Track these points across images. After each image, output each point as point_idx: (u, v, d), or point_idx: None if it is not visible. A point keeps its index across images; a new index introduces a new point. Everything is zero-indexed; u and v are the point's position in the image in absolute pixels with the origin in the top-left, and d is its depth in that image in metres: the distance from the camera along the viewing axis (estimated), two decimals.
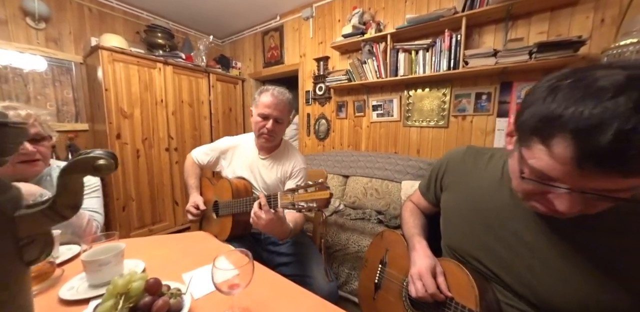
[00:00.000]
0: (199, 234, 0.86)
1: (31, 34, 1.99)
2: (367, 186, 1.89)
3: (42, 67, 2.06)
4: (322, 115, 2.51)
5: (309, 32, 2.51)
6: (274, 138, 1.04)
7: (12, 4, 1.89)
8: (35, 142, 0.75)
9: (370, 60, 1.95)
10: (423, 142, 1.95)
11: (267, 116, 0.99)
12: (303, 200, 0.67)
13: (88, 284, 0.56)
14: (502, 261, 0.52)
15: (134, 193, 2.14)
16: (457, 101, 1.74)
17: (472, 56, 1.51)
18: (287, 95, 1.03)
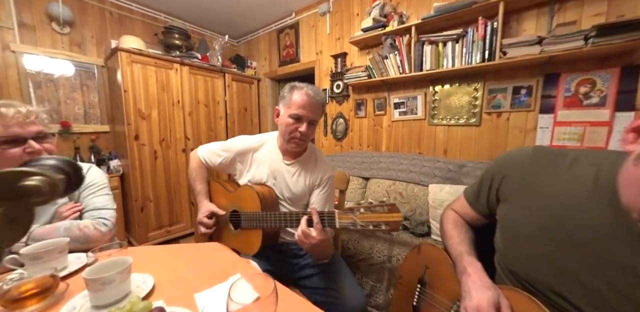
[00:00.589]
0: (213, 246, 0.78)
1: (56, 39, 2.05)
2: (389, 189, 1.76)
3: (70, 72, 2.12)
4: (340, 115, 2.41)
5: (326, 28, 2.41)
6: (305, 142, 0.94)
7: (38, 10, 1.95)
8: (40, 140, 0.70)
9: (392, 54, 1.82)
10: (451, 141, 1.79)
11: (301, 118, 0.88)
12: (369, 221, 0.64)
13: (91, 305, 0.50)
14: (603, 303, 0.39)
15: (152, 194, 2.14)
16: (490, 97, 1.57)
17: (511, 45, 1.35)
18: (322, 95, 0.93)
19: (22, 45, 1.90)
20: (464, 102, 1.70)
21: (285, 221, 0.83)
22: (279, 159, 1.00)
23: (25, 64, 1.92)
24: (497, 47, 1.39)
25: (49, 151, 0.71)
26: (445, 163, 1.61)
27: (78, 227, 0.72)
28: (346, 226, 0.67)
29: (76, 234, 0.70)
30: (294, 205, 1.00)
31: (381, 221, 0.64)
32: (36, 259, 0.59)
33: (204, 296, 0.53)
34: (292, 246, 1.02)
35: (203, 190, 1.06)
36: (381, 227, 0.64)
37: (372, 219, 0.64)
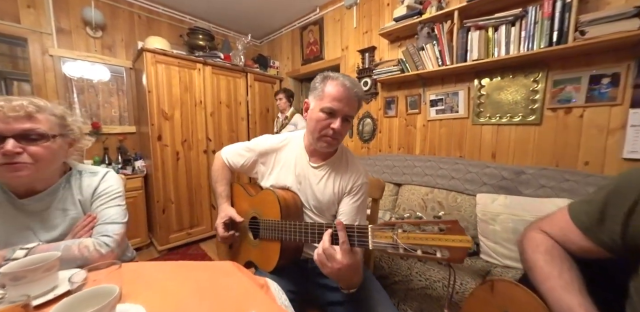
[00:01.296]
0: (225, 266, 0.64)
1: (90, 43, 2.11)
2: (426, 197, 1.53)
3: (107, 77, 2.19)
4: (367, 114, 2.22)
5: (352, 22, 2.26)
6: (337, 142, 0.80)
7: (74, 15, 2.02)
8: (28, 141, 0.59)
9: (429, 45, 1.61)
10: (501, 143, 1.52)
11: (335, 112, 0.74)
12: (418, 244, 0.47)
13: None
14: None
15: (173, 196, 2.11)
16: (556, 89, 1.30)
17: (594, 22, 1.08)
18: (360, 87, 0.78)
19: (59, 49, 1.97)
20: (519, 97, 1.43)
21: (306, 234, 0.69)
22: (305, 161, 0.86)
23: (66, 69, 2.00)
24: (572, 26, 1.13)
25: (35, 156, 0.60)
26: (497, 169, 1.35)
27: (78, 247, 0.62)
28: (383, 247, 0.51)
29: (74, 255, 0.61)
30: (321, 215, 0.86)
31: (437, 246, 0.46)
32: (17, 279, 0.49)
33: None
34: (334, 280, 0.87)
35: (224, 192, 0.96)
36: (436, 254, 0.46)
37: (422, 241, 0.46)
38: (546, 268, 0.48)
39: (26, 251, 0.60)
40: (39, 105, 0.63)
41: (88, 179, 0.74)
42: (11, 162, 0.57)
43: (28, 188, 0.65)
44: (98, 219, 0.71)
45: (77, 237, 0.68)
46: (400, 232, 0.49)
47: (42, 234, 0.67)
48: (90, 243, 0.64)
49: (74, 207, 0.71)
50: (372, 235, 0.53)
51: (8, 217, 0.64)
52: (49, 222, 0.68)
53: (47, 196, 0.68)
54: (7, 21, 1.76)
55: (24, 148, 0.59)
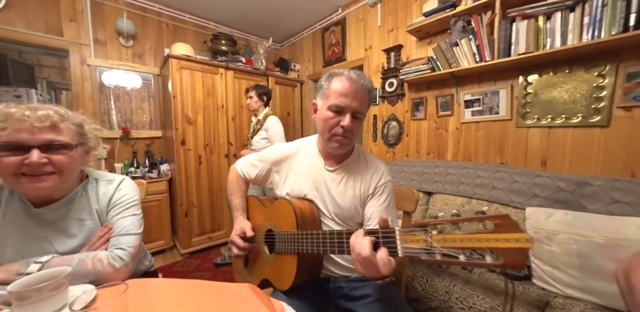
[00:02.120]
0: (241, 290, 0.57)
1: (122, 52, 2.22)
2: (463, 209, 1.37)
3: (139, 85, 2.29)
4: (393, 117, 2.09)
5: (377, 21, 2.15)
6: (350, 141, 0.73)
7: (109, 26, 2.13)
8: (51, 150, 0.58)
9: (464, 40, 1.46)
10: (554, 148, 1.32)
11: (343, 109, 0.69)
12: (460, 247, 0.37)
13: None
14: None
15: (195, 200, 2.13)
16: (631, 84, 1.09)
17: None
18: (367, 79, 0.72)
19: (95, 59, 2.09)
20: (578, 94, 1.23)
21: (325, 243, 0.60)
22: (321, 166, 0.80)
23: (104, 78, 2.13)
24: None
25: (59, 165, 0.59)
26: (552, 179, 1.16)
27: (92, 261, 0.59)
28: (415, 253, 0.42)
29: (87, 269, 0.58)
30: (344, 224, 0.78)
31: (485, 248, 0.35)
32: (22, 299, 0.45)
33: None
34: (342, 283, 0.77)
35: (239, 205, 0.91)
36: (485, 258, 0.36)
37: (465, 243, 0.37)
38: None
39: (40, 265, 0.57)
40: (61, 114, 0.62)
41: (104, 187, 0.72)
42: (35, 174, 0.56)
43: (44, 197, 0.63)
44: (113, 230, 0.67)
45: (93, 249, 0.65)
46: (435, 234, 0.40)
47: (58, 244, 0.65)
48: (104, 256, 0.61)
49: (91, 216, 0.69)
50: (401, 239, 0.45)
51: (24, 227, 0.62)
52: (65, 233, 0.66)
53: (63, 205, 0.66)
54: (52, 34, 1.90)
55: (49, 158, 0.57)
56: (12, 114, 0.55)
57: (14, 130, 0.54)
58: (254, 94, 1.95)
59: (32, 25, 1.82)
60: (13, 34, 1.75)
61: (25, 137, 0.55)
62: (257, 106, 1.98)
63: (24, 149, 0.55)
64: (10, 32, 1.74)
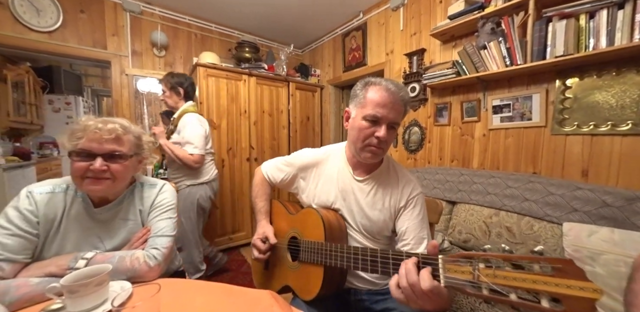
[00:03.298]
0: (262, 296, 0.58)
1: (155, 61, 2.39)
2: (490, 221, 1.29)
3: None
4: (415, 122, 2.03)
5: (399, 24, 2.12)
6: (383, 152, 0.72)
7: (145, 39, 2.31)
8: (111, 159, 0.67)
9: (493, 42, 1.39)
10: (598, 158, 1.20)
11: (379, 120, 0.67)
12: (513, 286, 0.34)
13: None
14: None
15: (218, 202, 2.21)
16: None
17: None
18: (405, 91, 0.71)
19: (133, 69, 2.27)
20: (627, 99, 1.11)
21: (356, 260, 0.59)
22: (349, 175, 0.78)
23: (139, 86, 2.30)
24: None
25: (115, 172, 0.67)
26: (596, 192, 1.05)
27: (130, 259, 0.65)
28: (460, 285, 0.39)
29: (125, 266, 0.63)
30: (372, 238, 0.76)
31: (544, 291, 0.32)
32: (72, 292, 0.51)
33: None
34: (364, 296, 0.76)
35: (263, 208, 0.93)
36: (540, 302, 0.32)
37: (519, 283, 0.34)
38: None
39: (86, 261, 0.62)
40: (125, 127, 0.70)
41: (149, 190, 0.79)
42: (96, 177, 0.65)
43: (102, 198, 0.71)
44: (151, 231, 0.73)
45: (132, 248, 0.70)
46: (482, 268, 0.37)
47: (107, 242, 0.72)
48: (141, 255, 0.66)
49: (134, 217, 0.75)
50: (444, 268, 0.42)
51: (83, 223, 0.70)
52: (113, 231, 0.73)
53: (114, 206, 0.73)
54: (98, 48, 2.09)
55: (108, 166, 0.65)
56: (89, 126, 0.64)
57: (87, 140, 0.64)
58: (164, 86, 1.53)
59: (82, 40, 2.02)
60: (67, 49, 1.96)
61: (94, 147, 0.64)
62: (173, 103, 1.55)
63: (91, 156, 0.64)
64: (65, 47, 1.95)
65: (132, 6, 2.17)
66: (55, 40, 1.92)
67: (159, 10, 2.30)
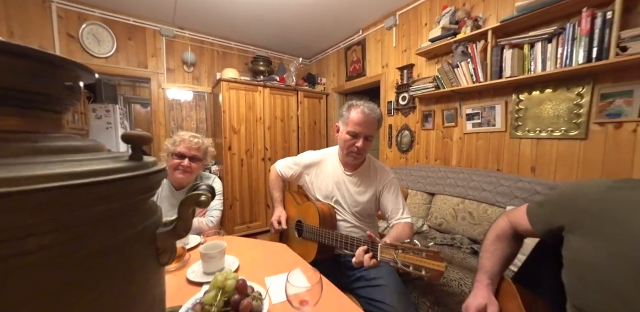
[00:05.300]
0: (281, 247, 0.96)
1: (185, 76, 2.82)
2: (457, 207, 1.61)
3: (190, 98, 2.87)
4: (406, 126, 2.36)
5: (392, 42, 2.45)
6: (362, 156, 1.02)
7: (177, 58, 2.74)
8: (192, 160, 1.09)
9: (463, 62, 1.71)
10: (542, 157, 1.51)
11: (357, 134, 0.96)
12: (410, 263, 0.63)
13: (202, 271, 0.72)
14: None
15: (238, 195, 2.62)
16: (604, 103, 1.27)
17: (636, 38, 1.08)
18: (377, 112, 0.98)
19: (167, 83, 2.71)
20: (561, 110, 1.42)
21: (338, 242, 0.90)
22: (341, 171, 1.09)
23: (167, 94, 2.73)
24: (613, 41, 1.13)
25: (193, 168, 1.09)
26: (531, 183, 1.37)
27: (199, 222, 1.08)
28: (387, 260, 0.69)
29: (196, 226, 1.06)
30: (360, 216, 1.06)
31: (421, 266, 0.61)
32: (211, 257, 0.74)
33: (272, 280, 0.68)
34: (349, 257, 1.09)
35: (279, 198, 1.24)
36: (421, 271, 0.60)
37: (412, 261, 0.62)
38: (489, 247, 0.69)
39: None
40: (202, 141, 1.14)
41: (206, 180, 1.20)
42: (184, 171, 1.08)
43: (180, 184, 1.13)
44: (210, 207, 1.13)
45: (199, 216, 1.12)
46: (399, 252, 0.66)
47: None
48: (204, 220, 1.08)
49: None
50: (381, 251, 0.71)
51: (168, 201, 1.12)
52: None
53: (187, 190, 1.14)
54: (141, 68, 2.54)
55: (190, 164, 1.08)
56: (185, 139, 1.08)
57: (183, 147, 1.07)
58: None
59: (129, 62, 2.48)
60: (119, 70, 2.42)
61: (185, 151, 1.07)
62: None
63: (183, 157, 1.07)
64: (117, 69, 2.41)
65: (168, 32, 2.60)
66: (110, 64, 2.37)
67: (188, 33, 2.73)
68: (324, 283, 0.53)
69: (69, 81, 0.23)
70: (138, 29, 2.48)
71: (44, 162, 0.18)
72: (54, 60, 0.21)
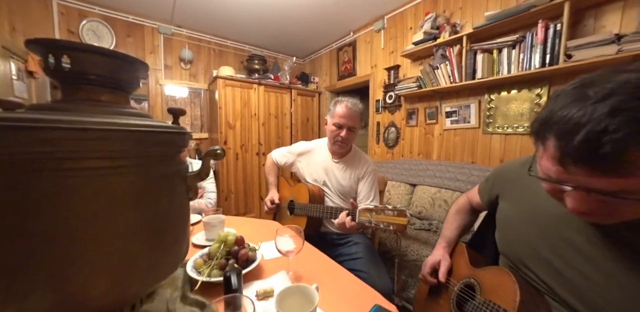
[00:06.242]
0: (273, 223, 1.10)
1: (182, 73, 2.91)
2: (435, 196, 1.78)
3: (185, 94, 2.97)
4: (392, 123, 2.52)
5: (380, 43, 2.60)
6: (347, 144, 1.17)
7: (175, 55, 2.83)
8: None
9: (442, 65, 1.87)
10: (509, 151, 1.68)
11: (342, 125, 1.12)
12: (381, 221, 0.79)
13: (205, 238, 0.85)
14: (557, 274, 0.48)
15: (233, 188, 2.73)
16: None
17: (578, 47, 1.25)
18: (359, 106, 1.15)
19: (165, 80, 2.79)
20: (524, 109, 1.59)
21: (323, 212, 1.06)
22: (329, 159, 1.25)
23: (165, 91, 2.82)
24: (561, 50, 1.31)
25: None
26: None
27: (199, 203, 1.23)
28: (363, 222, 0.84)
29: (196, 207, 1.21)
30: (344, 198, 1.21)
31: (390, 222, 0.77)
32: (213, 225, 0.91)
33: (264, 244, 0.82)
34: (334, 236, 1.24)
35: (274, 182, 1.40)
36: (389, 227, 0.77)
37: (383, 219, 0.78)
38: (450, 217, 0.84)
39: None
40: None
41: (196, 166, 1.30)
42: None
43: None
44: (205, 189, 1.25)
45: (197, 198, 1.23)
46: (374, 214, 0.82)
47: None
48: (203, 202, 1.23)
49: None
50: (359, 214, 0.86)
51: None
52: None
53: None
54: None
55: None
56: None
57: None
58: None
59: None
60: None
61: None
62: None
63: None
64: None
65: (166, 30, 2.69)
66: None
67: (186, 31, 2.82)
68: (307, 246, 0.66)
69: (136, 73, 0.36)
70: (137, 26, 2.56)
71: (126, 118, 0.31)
72: (129, 58, 0.34)
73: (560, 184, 0.36)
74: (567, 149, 0.32)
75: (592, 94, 0.31)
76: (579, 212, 0.37)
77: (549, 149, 0.35)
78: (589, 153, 0.30)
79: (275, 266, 0.70)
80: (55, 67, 0.29)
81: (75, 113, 0.28)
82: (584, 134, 0.30)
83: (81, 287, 0.26)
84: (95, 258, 0.27)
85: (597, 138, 0.29)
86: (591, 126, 0.29)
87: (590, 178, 0.32)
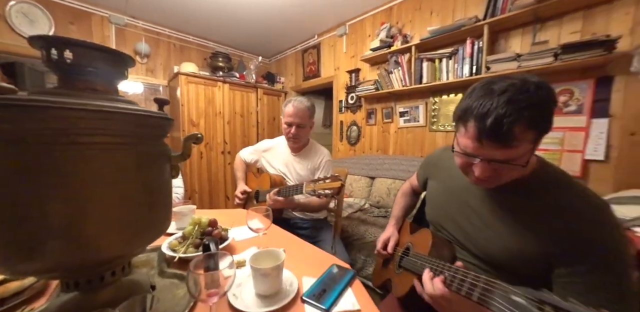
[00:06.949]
0: (242, 210, 1.16)
1: (138, 67, 2.73)
2: (390, 186, 2.00)
3: (140, 90, 2.79)
4: (354, 122, 2.72)
5: (343, 48, 2.79)
6: (299, 140, 1.30)
7: (129, 49, 2.64)
8: None
9: (396, 70, 2.11)
10: None
11: (291, 123, 1.24)
12: (321, 188, 0.94)
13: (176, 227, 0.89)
14: (459, 227, 0.66)
15: (197, 186, 2.66)
16: None
17: (494, 61, 1.56)
18: (305, 104, 1.26)
19: None
20: None
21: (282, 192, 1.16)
22: (288, 153, 1.38)
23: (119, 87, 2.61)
24: (483, 63, 1.61)
25: None
26: None
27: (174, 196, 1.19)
28: (309, 192, 0.98)
29: None
30: None
31: (329, 188, 0.93)
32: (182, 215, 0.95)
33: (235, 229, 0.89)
34: (297, 220, 1.36)
35: (242, 176, 1.48)
36: (329, 192, 0.93)
37: (324, 187, 0.94)
38: (398, 199, 1.01)
39: None
40: None
41: None
42: None
43: None
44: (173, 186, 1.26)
45: None
46: (317, 184, 0.97)
47: None
48: (173, 197, 1.20)
49: None
50: (305, 187, 1.01)
51: None
52: None
53: None
54: None
55: None
56: None
57: None
58: None
59: None
60: None
61: None
62: None
63: None
64: None
65: (118, 19, 2.50)
66: None
67: (142, 23, 2.66)
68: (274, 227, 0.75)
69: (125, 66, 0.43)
70: (83, 13, 2.35)
71: (122, 104, 0.38)
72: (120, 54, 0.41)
73: (473, 157, 0.51)
74: (482, 129, 0.46)
75: (495, 88, 0.46)
76: (479, 180, 0.53)
77: (470, 130, 0.48)
78: (496, 131, 0.44)
79: (246, 245, 0.78)
80: (57, 60, 0.34)
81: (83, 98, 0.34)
82: (493, 117, 0.44)
83: (93, 238, 0.32)
84: (105, 216, 0.33)
85: (500, 120, 0.43)
86: (497, 112, 0.44)
87: (495, 151, 0.46)
